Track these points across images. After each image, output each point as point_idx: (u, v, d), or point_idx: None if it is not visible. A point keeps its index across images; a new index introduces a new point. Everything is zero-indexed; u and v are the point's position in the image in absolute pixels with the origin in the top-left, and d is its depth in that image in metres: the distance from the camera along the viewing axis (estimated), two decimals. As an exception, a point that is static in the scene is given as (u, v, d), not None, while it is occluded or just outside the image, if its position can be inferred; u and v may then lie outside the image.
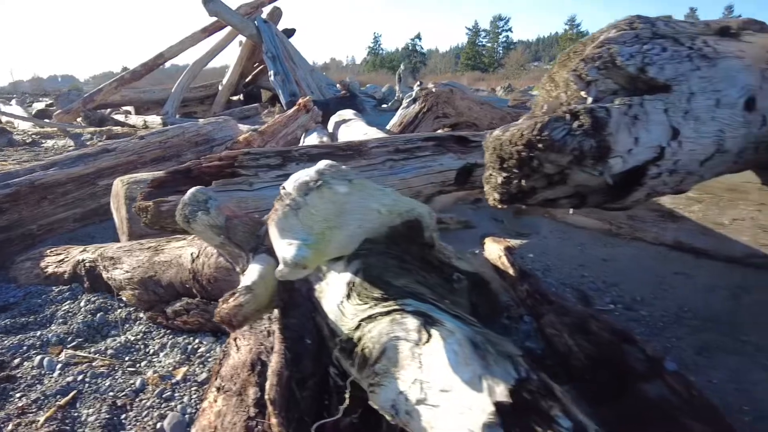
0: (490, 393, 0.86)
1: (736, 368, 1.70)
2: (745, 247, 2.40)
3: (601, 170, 1.24)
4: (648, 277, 2.33)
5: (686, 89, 1.39)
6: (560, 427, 0.83)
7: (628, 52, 1.34)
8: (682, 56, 1.42)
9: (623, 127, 1.23)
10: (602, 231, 2.81)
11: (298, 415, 1.20)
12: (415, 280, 1.35)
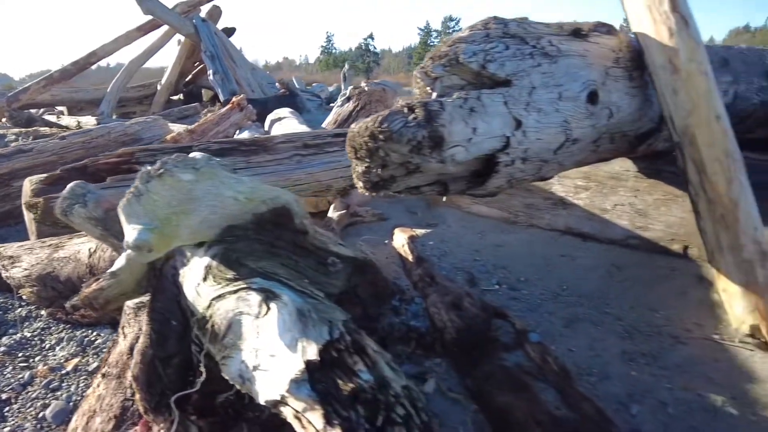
0: (303, 353, 0.97)
1: (595, 337, 1.89)
2: (623, 230, 2.62)
3: (440, 158, 1.37)
4: (536, 259, 2.51)
5: (527, 84, 1.54)
6: (360, 379, 0.94)
7: (472, 50, 1.48)
8: (525, 54, 1.57)
9: (458, 119, 1.36)
10: (502, 219, 2.99)
11: (160, 390, 1.27)
12: (281, 263, 1.44)
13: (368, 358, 1.00)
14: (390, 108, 1.36)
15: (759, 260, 1.76)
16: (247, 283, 1.20)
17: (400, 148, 1.33)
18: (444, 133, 1.32)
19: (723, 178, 1.79)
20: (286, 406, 0.96)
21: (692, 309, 2.02)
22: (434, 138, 1.31)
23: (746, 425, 1.45)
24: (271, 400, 1.00)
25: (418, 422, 0.95)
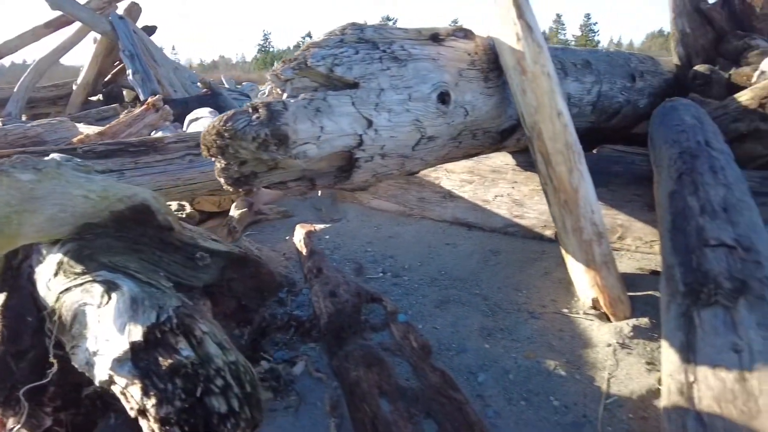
0: (129, 335, 1.05)
1: (460, 316, 2.06)
2: (503, 219, 2.84)
3: (290, 154, 1.48)
4: (422, 248, 2.68)
5: (376, 86, 1.68)
6: (180, 356, 1.03)
7: (321, 55, 1.60)
8: (374, 58, 1.71)
9: (303, 118, 1.47)
10: (398, 212, 3.15)
11: (11, 385, 1.31)
12: (141, 258, 1.51)
13: (194, 338, 1.10)
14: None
15: (596, 240, 1.99)
16: (93, 276, 1.26)
17: (248, 145, 1.42)
18: (288, 131, 1.43)
19: (565, 168, 2.01)
20: (114, 384, 1.05)
21: (552, 287, 2.24)
22: (277, 136, 1.41)
23: (572, 383, 1.65)
24: (103, 381, 1.07)
25: (238, 392, 1.06)
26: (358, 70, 1.64)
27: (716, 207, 1.87)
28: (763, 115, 2.55)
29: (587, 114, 2.94)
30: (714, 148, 2.25)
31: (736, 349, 1.39)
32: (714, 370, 1.36)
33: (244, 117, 1.42)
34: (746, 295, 1.53)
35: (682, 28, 3.92)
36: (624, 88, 3.21)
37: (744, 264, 1.63)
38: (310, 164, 1.67)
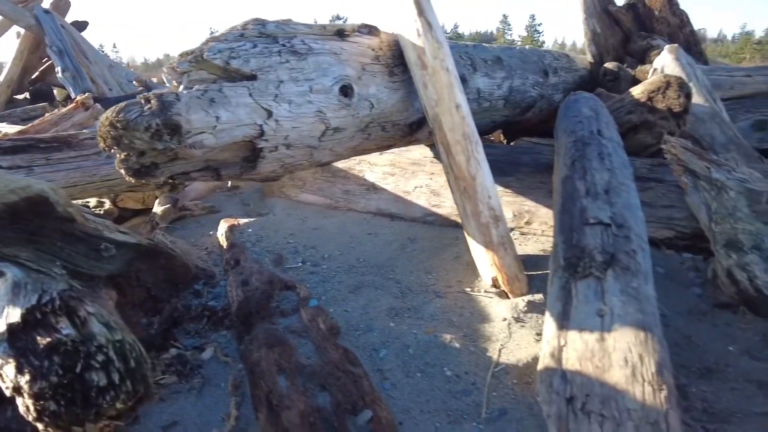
0: (7, 318, 1.08)
1: (372, 299, 2.16)
2: (422, 209, 2.97)
3: (186, 143, 1.53)
4: (344, 238, 2.77)
5: (275, 78, 1.75)
6: (60, 334, 1.07)
7: (217, 48, 1.65)
8: (273, 52, 1.77)
9: (197, 108, 1.53)
10: (325, 205, 3.22)
11: None
12: (38, 248, 1.52)
13: (78, 318, 1.14)
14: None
15: (493, 223, 2.13)
16: (-21, 265, 1.27)
17: (141, 135, 1.46)
18: (180, 121, 1.48)
19: (464, 157, 2.14)
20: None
21: (460, 270, 2.38)
22: (170, 125, 1.46)
23: (466, 355, 1.78)
24: (-18, 364, 1.10)
25: (120, 367, 1.11)
26: (255, 63, 1.71)
27: (599, 189, 2.05)
28: (652, 107, 2.79)
29: (500, 108, 3.11)
30: (605, 137, 2.44)
31: (600, 314, 1.55)
32: (581, 334, 1.51)
33: (136, 108, 1.45)
34: (614, 266, 1.70)
35: (593, 29, 4.18)
36: (536, 83, 3.41)
37: (615, 239, 1.80)
38: (212, 154, 1.71)
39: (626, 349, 1.40)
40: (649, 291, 1.63)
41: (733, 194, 2.21)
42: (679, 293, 2.17)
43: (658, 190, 2.64)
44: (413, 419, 1.50)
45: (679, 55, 3.19)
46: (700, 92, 3.13)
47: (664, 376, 1.33)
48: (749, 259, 2.02)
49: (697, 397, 1.52)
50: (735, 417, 1.44)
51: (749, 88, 3.93)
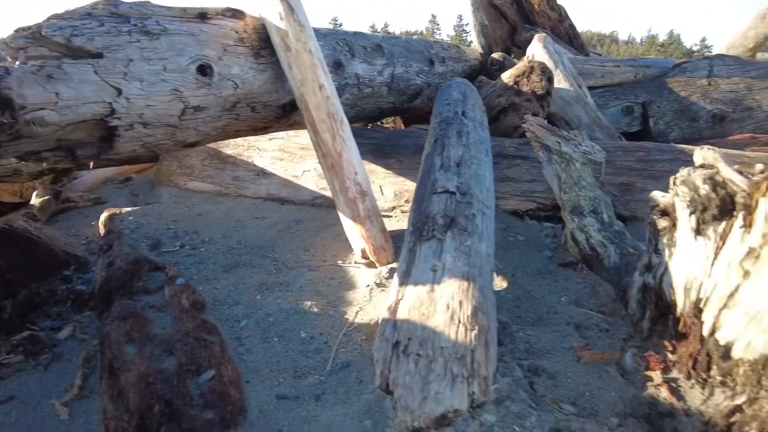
0: None
1: (244, 276, 2.21)
2: (311, 192, 3.05)
3: (24, 119, 1.52)
4: (229, 223, 2.80)
5: (124, 56, 1.77)
6: None
7: (58, 25, 1.65)
8: (122, 31, 1.79)
9: (32, 83, 1.53)
10: (215, 192, 3.23)
11: None
12: None
13: None
14: None
15: (360, 198, 2.24)
16: None
17: (-34, 109, 1.45)
18: (11, 95, 1.48)
19: (329, 135, 2.23)
20: None
21: (337, 246, 2.47)
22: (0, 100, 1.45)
23: (325, 319, 1.87)
24: None
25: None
26: (101, 41, 1.72)
27: (452, 163, 2.21)
28: (518, 91, 3.01)
29: (384, 95, 3.24)
30: (467, 117, 2.62)
31: (433, 270, 1.69)
32: (415, 287, 1.64)
33: (-42, 82, 1.44)
34: (453, 228, 1.85)
35: (481, 21, 4.43)
36: (421, 71, 3.57)
37: (458, 205, 1.96)
38: (63, 133, 1.71)
39: (449, 297, 1.55)
40: (482, 248, 1.80)
41: (578, 165, 2.44)
42: (533, 256, 2.38)
43: (523, 166, 2.86)
44: (261, 377, 1.58)
45: (547, 43, 3.46)
46: (567, 78, 3.40)
47: (478, 317, 1.49)
48: (587, 222, 2.24)
49: (522, 339, 1.69)
50: (549, 353, 1.62)
51: (618, 77, 4.30)
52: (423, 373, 1.34)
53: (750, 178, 1.38)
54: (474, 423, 1.27)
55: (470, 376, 1.33)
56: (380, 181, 2.96)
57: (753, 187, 1.34)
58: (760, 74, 4.43)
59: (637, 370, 1.53)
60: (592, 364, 1.56)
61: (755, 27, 5.23)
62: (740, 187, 1.39)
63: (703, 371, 1.39)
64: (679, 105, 4.34)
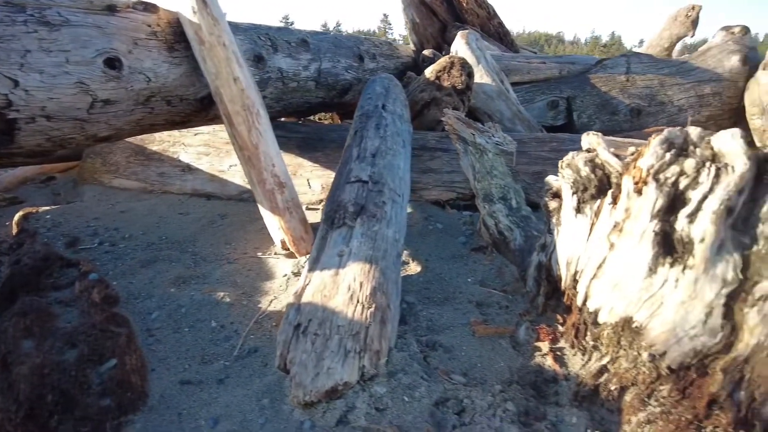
0: None
1: (161, 270, 2.20)
2: (237, 186, 3.05)
3: None
4: (152, 220, 2.77)
5: (20, 47, 1.74)
6: None
7: (-55, 15, 1.61)
8: (17, 21, 1.76)
9: None
10: (141, 189, 3.18)
11: None
12: None
13: None
14: None
15: (278, 189, 2.27)
16: None
17: None
18: None
19: (245, 127, 2.25)
20: None
21: (260, 239, 2.50)
22: None
23: (237, 308, 1.90)
24: None
25: None
26: (-8, 31, 1.68)
27: (368, 154, 2.27)
28: (439, 85, 3.11)
29: (312, 89, 3.28)
30: (387, 110, 2.69)
31: (340, 255, 1.74)
32: (321, 272, 1.69)
33: None
34: (363, 215, 1.91)
35: (412, 18, 4.53)
36: (350, 67, 3.63)
37: (369, 193, 2.02)
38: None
39: (351, 279, 1.61)
40: (389, 233, 1.87)
41: (491, 155, 2.55)
42: (448, 242, 2.48)
43: (444, 158, 2.96)
44: (168, 365, 1.59)
45: (469, 40, 3.59)
46: (489, 74, 3.54)
47: (376, 297, 1.55)
48: (496, 208, 2.36)
49: (425, 318, 1.77)
50: (448, 329, 1.71)
51: (543, 73, 4.49)
52: (318, 351, 1.40)
53: (623, 159, 1.51)
54: (364, 394, 1.33)
55: (362, 350, 1.39)
56: (307, 174, 3.00)
57: (624, 168, 1.47)
58: (671, 71, 4.74)
59: (528, 342, 1.64)
60: (487, 338, 1.66)
61: (668, 28, 5.58)
62: (614, 167, 1.52)
63: (582, 338, 1.50)
64: (600, 99, 4.58)
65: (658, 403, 1.23)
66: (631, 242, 1.36)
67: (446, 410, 1.34)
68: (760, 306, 1.21)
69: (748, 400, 1.18)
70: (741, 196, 1.29)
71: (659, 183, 1.34)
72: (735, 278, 1.24)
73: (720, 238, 1.26)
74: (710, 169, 1.31)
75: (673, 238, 1.32)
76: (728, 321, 1.23)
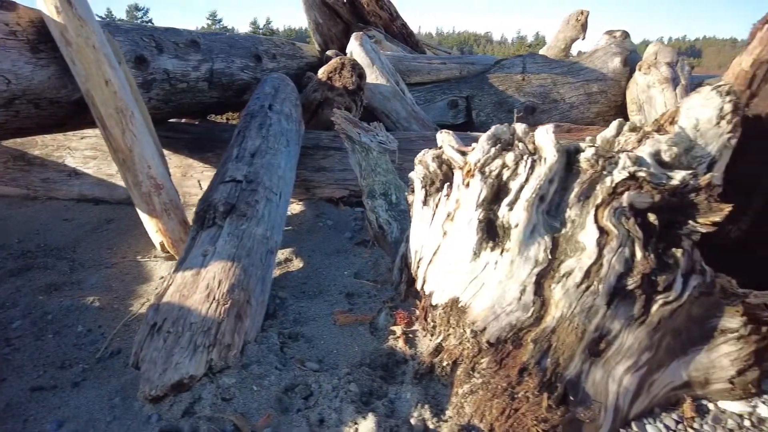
0: None
1: (33, 278, 2.14)
2: (125, 190, 2.98)
3: None
4: (32, 227, 2.67)
5: None
6: None
7: None
8: None
9: None
10: (22, 196, 3.05)
11: None
12: None
13: None
14: None
15: (155, 192, 2.26)
16: None
17: None
18: None
19: (119, 130, 2.23)
20: None
21: (143, 242, 2.47)
22: None
23: (108, 312, 1.89)
24: None
25: None
26: None
27: (247, 154, 2.31)
28: (331, 86, 3.19)
29: (205, 90, 3.26)
30: (273, 110, 2.74)
31: (204, 254, 1.77)
32: (184, 272, 1.72)
33: None
34: (233, 214, 1.95)
35: (315, 19, 4.58)
36: (247, 67, 3.63)
37: (242, 192, 2.06)
38: None
39: (211, 278, 1.65)
40: (258, 231, 1.92)
41: (375, 154, 2.66)
42: (335, 238, 2.56)
43: (336, 156, 3.04)
44: (22, 373, 1.56)
45: (363, 42, 3.69)
46: (383, 74, 3.66)
47: (233, 293, 1.60)
48: (377, 203, 2.46)
49: (294, 311, 1.84)
50: (314, 320, 1.78)
51: (444, 74, 4.68)
52: (169, 348, 1.43)
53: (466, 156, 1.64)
54: (211, 386, 1.38)
55: (211, 345, 1.44)
56: (198, 175, 2.99)
57: (463, 163, 1.60)
58: (563, 71, 5.07)
59: (386, 327, 1.74)
60: (348, 326, 1.75)
61: (563, 31, 5.96)
62: (457, 163, 1.65)
63: (426, 320, 1.62)
64: (497, 98, 4.83)
65: (479, 374, 1.36)
66: (460, 230, 1.49)
67: (294, 395, 1.41)
68: (563, 282, 1.36)
69: (553, 365, 1.34)
70: (552, 185, 1.45)
71: (484, 175, 1.48)
72: (545, 258, 1.39)
73: (533, 223, 1.41)
74: (527, 161, 1.46)
75: (496, 225, 1.46)
76: (539, 297, 1.37)
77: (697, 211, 1.47)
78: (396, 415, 1.34)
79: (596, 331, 1.35)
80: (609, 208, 1.38)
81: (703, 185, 1.47)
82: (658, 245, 1.43)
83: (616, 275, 1.35)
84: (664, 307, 1.38)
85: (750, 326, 1.47)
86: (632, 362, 1.37)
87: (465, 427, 1.29)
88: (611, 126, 1.66)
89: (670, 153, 1.53)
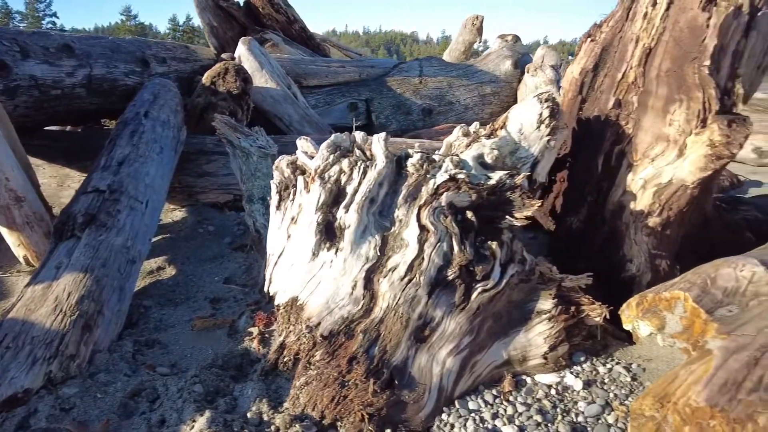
0: None
1: None
2: None
3: None
4: None
5: None
6: None
7: None
8: None
9: None
10: None
11: None
12: None
13: None
14: None
15: (15, 204, 2.20)
16: None
17: None
18: None
19: (-30, 141, 2.14)
20: None
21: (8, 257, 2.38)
22: None
23: None
24: None
25: None
26: None
27: (114, 162, 2.29)
28: (215, 91, 3.20)
29: (84, 96, 3.16)
30: (149, 118, 2.72)
31: (57, 267, 1.76)
32: (35, 286, 1.69)
33: None
34: (92, 225, 1.94)
35: (209, 22, 4.53)
36: (132, 72, 3.55)
37: (104, 202, 2.05)
38: None
39: (61, 290, 1.65)
40: (117, 241, 1.92)
41: (255, 158, 2.70)
42: (214, 243, 2.59)
43: (220, 161, 3.06)
44: None
45: (251, 46, 3.72)
46: (273, 78, 3.70)
47: (82, 305, 1.61)
48: (255, 208, 2.52)
49: (156, 318, 1.87)
50: (173, 327, 1.82)
51: (343, 77, 4.79)
52: (5, 363, 1.42)
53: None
54: (50, 398, 1.39)
55: (52, 357, 1.45)
56: (76, 185, 2.90)
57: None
58: (458, 74, 5.32)
59: (246, 329, 1.81)
60: (206, 331, 1.80)
61: (462, 34, 6.25)
62: (310, 169, 1.74)
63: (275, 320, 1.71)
64: (396, 101, 5.00)
65: (314, 367, 1.47)
66: (302, 232, 1.58)
67: (140, 400, 1.45)
68: (389, 276, 1.49)
69: (380, 353, 1.46)
70: (382, 188, 1.58)
71: (323, 180, 1.58)
72: (375, 255, 1.51)
73: (364, 223, 1.53)
74: (360, 167, 1.58)
75: (335, 227, 1.56)
76: (368, 291, 1.50)
77: (513, 207, 1.65)
78: (236, 411, 1.42)
79: (420, 319, 1.50)
80: (429, 207, 1.52)
81: (518, 184, 1.66)
82: (477, 239, 1.59)
83: (436, 268, 1.50)
84: (482, 294, 1.54)
85: (560, 307, 1.67)
86: (454, 345, 1.53)
87: (298, 416, 1.39)
88: (454, 131, 1.82)
89: (492, 155, 1.71)
